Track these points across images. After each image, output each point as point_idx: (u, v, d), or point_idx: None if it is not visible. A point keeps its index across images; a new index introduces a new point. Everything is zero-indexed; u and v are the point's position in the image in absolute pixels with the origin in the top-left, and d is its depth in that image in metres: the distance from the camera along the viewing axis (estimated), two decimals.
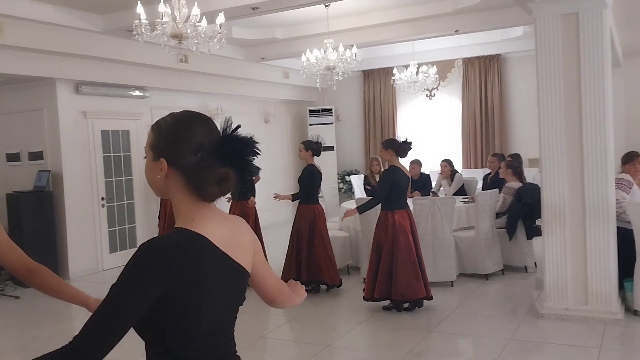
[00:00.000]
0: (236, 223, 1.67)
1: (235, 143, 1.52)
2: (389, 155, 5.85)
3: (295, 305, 2.00)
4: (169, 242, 1.47)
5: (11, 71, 7.36)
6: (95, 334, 1.36)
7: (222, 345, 1.62)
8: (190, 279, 1.44)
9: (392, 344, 5.18)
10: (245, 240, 1.66)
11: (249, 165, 1.54)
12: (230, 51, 9.67)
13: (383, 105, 12.84)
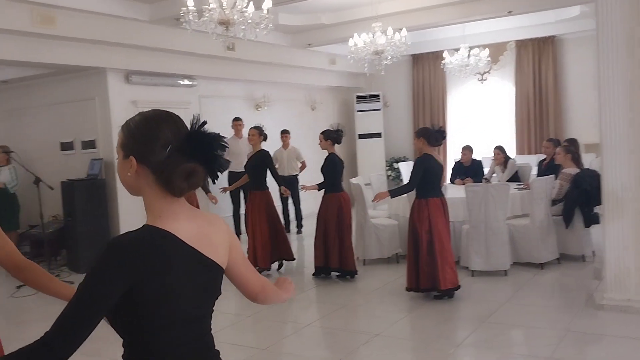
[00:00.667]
0: (207, 219, 1.70)
1: (200, 138, 1.56)
2: (421, 143, 5.82)
3: (282, 301, 2.03)
4: (133, 239, 1.52)
5: (63, 61, 7.50)
6: (67, 329, 1.43)
7: (195, 338, 1.65)
8: (155, 274, 1.50)
9: (443, 334, 5.06)
10: (218, 236, 1.69)
11: (216, 159, 1.58)
12: (277, 38, 9.61)
13: (433, 90, 12.57)
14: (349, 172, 12.62)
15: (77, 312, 1.45)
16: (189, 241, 1.59)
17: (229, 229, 1.77)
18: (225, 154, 2.16)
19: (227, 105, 10.17)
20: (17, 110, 9.40)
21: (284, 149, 9.96)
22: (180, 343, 1.60)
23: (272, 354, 4.79)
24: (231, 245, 1.75)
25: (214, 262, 1.65)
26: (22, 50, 6.97)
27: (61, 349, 1.41)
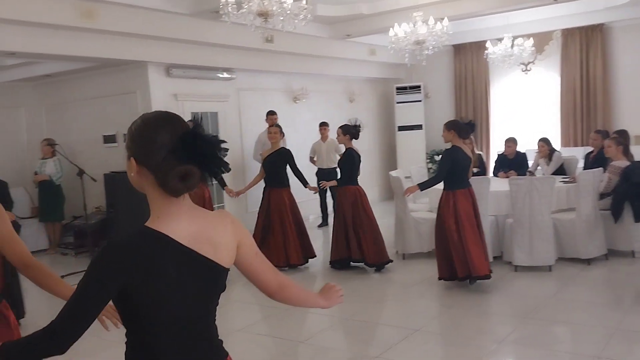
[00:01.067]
0: (209, 219, 1.72)
1: (195, 141, 1.59)
2: (451, 135, 5.87)
3: (318, 307, 2.06)
4: (128, 240, 1.60)
5: (106, 55, 7.61)
6: (67, 321, 1.55)
7: (196, 337, 1.69)
8: (148, 276, 1.56)
9: (484, 330, 4.93)
10: (220, 235, 1.71)
11: (212, 162, 1.61)
12: (315, 29, 9.53)
13: (475, 81, 12.30)
14: (388, 165, 12.53)
15: (75, 306, 1.56)
16: (187, 242, 1.63)
17: (237, 227, 1.78)
18: (256, 147, 2.12)
19: (265, 98, 10.16)
20: (61, 103, 9.60)
21: (323, 141, 9.90)
22: (181, 343, 1.65)
23: (309, 346, 4.75)
24: (240, 242, 1.77)
25: (214, 262, 1.67)
26: (65, 45, 7.09)
27: (62, 338, 1.55)
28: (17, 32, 6.61)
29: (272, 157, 7.18)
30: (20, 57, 7.69)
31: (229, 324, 5.50)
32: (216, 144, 1.62)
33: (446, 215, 5.80)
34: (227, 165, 1.67)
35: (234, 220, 1.80)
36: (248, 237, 1.82)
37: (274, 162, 7.16)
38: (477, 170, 8.22)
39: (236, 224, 1.79)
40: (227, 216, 1.80)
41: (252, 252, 1.82)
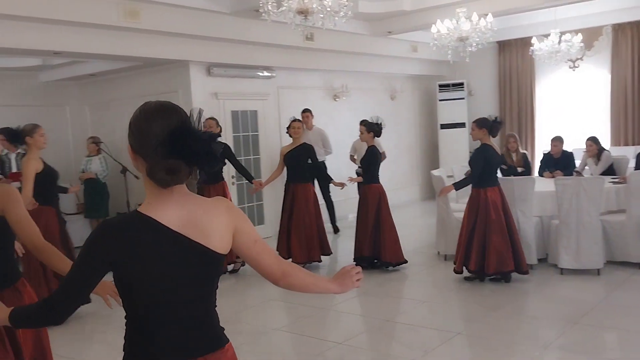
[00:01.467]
0: (202, 205, 1.77)
1: (183, 137, 1.62)
2: (482, 133, 5.97)
3: (328, 292, 2.03)
4: (117, 221, 1.73)
5: (148, 54, 7.69)
6: (62, 295, 1.72)
7: (185, 320, 1.74)
8: (134, 255, 1.66)
9: (528, 334, 4.77)
10: (211, 220, 1.74)
11: (198, 158, 1.63)
12: (356, 26, 9.44)
13: (520, 78, 11.98)
14: (430, 163, 12.35)
15: (69, 281, 1.72)
16: (176, 227, 1.69)
17: (233, 213, 1.81)
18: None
19: (305, 96, 10.13)
20: (104, 102, 9.77)
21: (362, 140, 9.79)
22: (170, 325, 1.72)
23: (347, 348, 4.69)
24: (237, 228, 1.80)
25: (204, 247, 1.72)
26: (109, 44, 7.20)
27: (58, 310, 1.73)
28: (62, 32, 6.73)
29: (294, 152, 7.11)
30: (66, 56, 7.84)
31: (266, 322, 5.49)
32: (205, 141, 1.64)
33: (475, 213, 5.95)
34: (215, 161, 1.67)
35: (230, 206, 1.83)
36: (246, 223, 1.85)
37: (296, 157, 7.10)
38: (522, 169, 8.01)
39: (232, 210, 1.82)
40: (222, 202, 1.83)
41: (250, 239, 1.84)
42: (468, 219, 6.06)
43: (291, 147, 7.15)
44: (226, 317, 5.69)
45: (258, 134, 9.34)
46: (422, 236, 8.81)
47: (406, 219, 10.60)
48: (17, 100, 9.36)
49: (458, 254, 6.19)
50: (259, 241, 1.88)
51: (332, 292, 2.01)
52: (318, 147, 9.29)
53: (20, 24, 6.33)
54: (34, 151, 5.38)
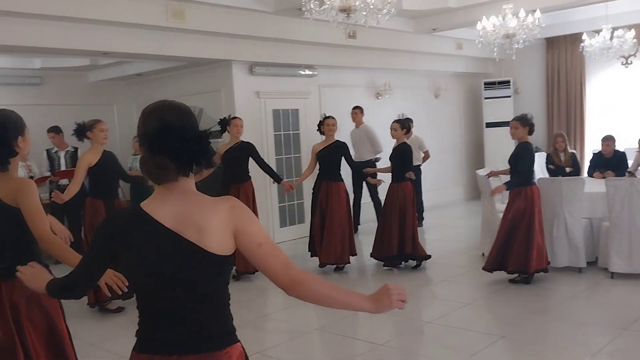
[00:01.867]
0: (197, 204, 1.77)
1: (167, 136, 1.68)
2: (525, 131, 5.96)
3: (360, 310, 1.89)
4: (118, 214, 1.96)
5: (193, 54, 7.78)
6: (76, 276, 1.94)
7: (179, 318, 1.75)
8: (127, 247, 1.76)
9: (577, 340, 4.62)
10: (207, 220, 1.73)
11: (181, 155, 1.68)
12: (400, 24, 9.33)
13: (569, 76, 11.63)
14: (475, 163, 12.13)
15: (82, 263, 1.94)
16: (170, 224, 1.73)
17: (236, 214, 1.77)
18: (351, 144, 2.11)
19: (347, 94, 10.08)
20: (151, 101, 9.70)
21: (406, 138, 9.69)
22: (160, 316, 1.77)
23: (390, 350, 4.63)
24: (238, 230, 1.76)
25: (197, 247, 1.71)
26: (155, 45, 7.31)
27: (75, 288, 1.98)
28: (110, 33, 6.87)
29: (327, 150, 7.02)
30: (113, 56, 8.01)
31: (307, 322, 5.47)
32: (189, 139, 1.69)
33: (516, 211, 5.91)
34: (200, 159, 1.72)
35: (235, 207, 1.79)
36: (250, 226, 1.78)
37: (330, 155, 7.01)
38: (570, 170, 7.77)
39: (236, 211, 1.78)
40: (226, 202, 1.80)
41: (253, 243, 1.78)
42: (512, 219, 5.96)
43: (324, 144, 7.06)
44: (265, 315, 5.72)
45: (299, 133, 9.35)
46: (466, 237, 8.66)
47: (450, 220, 10.45)
48: (66, 100, 9.62)
49: (493, 253, 6.14)
50: (264, 245, 1.79)
51: (364, 311, 1.86)
52: (364, 145, 9.26)
53: (69, 25, 6.49)
54: (94, 146, 5.67)
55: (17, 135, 2.82)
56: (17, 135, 2.82)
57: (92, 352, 4.81)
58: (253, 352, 4.62)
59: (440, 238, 8.86)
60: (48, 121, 8.57)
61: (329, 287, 1.83)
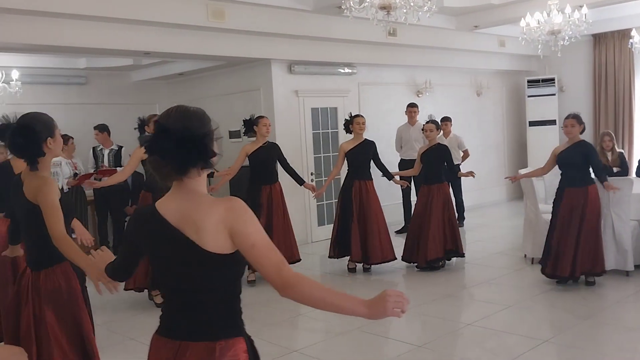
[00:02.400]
0: (197, 203, 1.86)
1: (160, 137, 1.78)
2: (580, 129, 5.88)
3: (354, 315, 1.90)
4: (141, 210, 2.18)
5: (232, 54, 7.83)
6: (117, 262, 2.25)
7: (180, 307, 1.90)
8: (142, 240, 1.99)
9: (625, 346, 4.46)
10: (204, 219, 1.81)
11: (170, 155, 1.77)
12: (441, 21, 9.20)
13: (617, 73, 11.26)
14: (517, 162, 11.88)
15: (119, 254, 2.22)
16: (174, 221, 1.86)
17: (232, 214, 1.82)
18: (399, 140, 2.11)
19: (386, 92, 10.00)
20: (191, 100, 10.05)
21: (445, 137, 9.59)
22: (169, 306, 1.98)
23: (428, 352, 4.55)
24: (233, 231, 1.81)
25: (194, 244, 1.80)
26: (196, 44, 7.38)
27: (117, 274, 2.28)
28: (152, 33, 6.97)
29: (358, 149, 6.93)
30: (155, 56, 8.13)
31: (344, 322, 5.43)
32: (181, 141, 1.76)
33: (579, 210, 5.74)
34: (186, 160, 1.78)
35: (232, 208, 1.83)
36: (245, 227, 1.82)
37: (361, 154, 6.92)
38: (618, 170, 7.52)
39: (233, 212, 1.82)
40: (225, 202, 1.86)
41: (247, 243, 1.82)
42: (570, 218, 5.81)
43: (354, 143, 6.97)
44: (302, 314, 5.69)
45: (338, 131, 9.31)
46: (508, 238, 8.48)
47: (492, 220, 10.26)
48: (110, 99, 9.83)
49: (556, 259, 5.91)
50: (257, 246, 1.82)
51: (359, 316, 1.86)
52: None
53: (112, 25, 6.61)
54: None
55: (47, 136, 2.99)
56: (47, 137, 2.99)
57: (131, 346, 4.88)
58: (290, 350, 4.62)
59: (481, 239, 8.70)
60: (92, 120, 8.78)
61: (322, 290, 1.85)
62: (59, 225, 2.88)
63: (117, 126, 8.89)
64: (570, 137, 5.88)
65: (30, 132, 2.91)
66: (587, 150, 5.81)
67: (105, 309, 5.80)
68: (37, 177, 2.98)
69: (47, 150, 3.00)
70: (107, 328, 5.34)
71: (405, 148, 9.20)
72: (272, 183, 6.75)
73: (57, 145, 3.05)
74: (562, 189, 5.89)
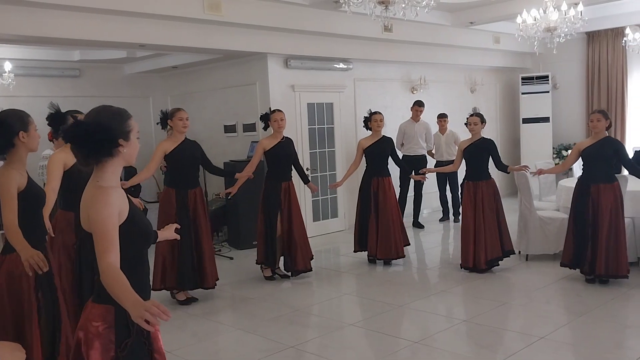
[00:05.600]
0: (88, 189, 2.21)
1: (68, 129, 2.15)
2: (607, 125, 5.81)
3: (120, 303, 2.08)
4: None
5: (228, 47, 7.78)
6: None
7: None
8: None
9: (620, 343, 4.50)
10: (82, 204, 2.20)
11: (74, 146, 2.13)
12: (437, 17, 9.19)
13: (610, 71, 11.31)
14: (511, 159, 11.91)
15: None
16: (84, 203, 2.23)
17: (88, 201, 2.15)
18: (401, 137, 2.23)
19: (382, 88, 9.99)
20: (185, 94, 10.00)
21: (441, 133, 9.62)
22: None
23: (424, 348, 4.55)
24: (86, 214, 2.17)
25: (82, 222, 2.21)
26: (191, 37, 7.32)
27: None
28: (146, 25, 6.91)
29: (377, 146, 6.96)
30: (149, 49, 8.05)
31: (341, 317, 5.43)
32: (79, 133, 2.09)
33: (608, 208, 5.70)
34: (81, 147, 2.11)
35: (92, 195, 2.15)
36: (90, 211, 2.12)
37: (379, 151, 6.94)
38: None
39: (91, 199, 2.14)
40: (91, 191, 2.18)
41: (89, 226, 2.15)
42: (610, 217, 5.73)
43: (372, 140, 7.02)
44: (300, 310, 5.67)
45: (333, 127, 9.29)
46: None
47: None
48: (103, 92, 9.74)
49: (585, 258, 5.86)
50: (93, 229, 2.11)
51: (126, 308, 1.99)
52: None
53: (107, 17, 6.54)
54: (174, 134, 5.68)
55: (20, 130, 3.19)
56: (20, 130, 3.19)
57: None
58: (286, 346, 4.60)
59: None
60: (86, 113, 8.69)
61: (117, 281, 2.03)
62: (11, 215, 3.09)
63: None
64: (595, 131, 5.82)
65: (1, 124, 3.13)
66: (617, 146, 5.77)
67: None
68: (3, 167, 3.19)
69: (19, 143, 3.20)
70: None
71: (410, 145, 9.25)
72: (290, 179, 6.59)
73: (31, 140, 3.24)
74: (586, 185, 5.80)
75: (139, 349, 2.21)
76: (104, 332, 2.14)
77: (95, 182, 2.17)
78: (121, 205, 2.17)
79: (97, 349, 2.12)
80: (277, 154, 6.46)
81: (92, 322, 2.14)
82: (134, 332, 2.17)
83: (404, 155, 9.14)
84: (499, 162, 6.56)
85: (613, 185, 5.72)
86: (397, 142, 9.34)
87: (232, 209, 8.37)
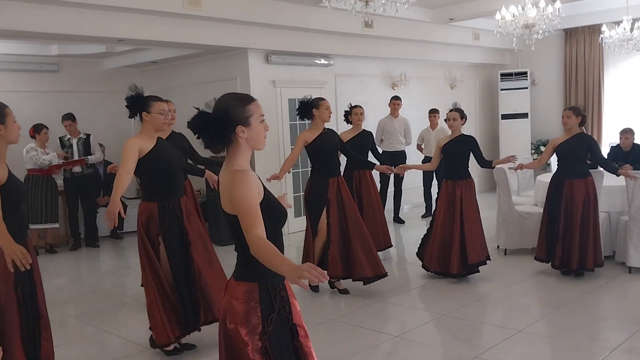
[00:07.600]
0: (225, 173, 2.32)
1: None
2: (577, 121, 5.86)
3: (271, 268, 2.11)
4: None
5: (208, 42, 7.74)
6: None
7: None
8: None
9: (595, 335, 4.58)
10: None
11: (199, 136, 2.28)
12: (417, 13, 9.24)
13: (587, 67, 11.46)
14: (490, 155, 12.00)
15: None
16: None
17: (229, 186, 2.23)
18: (380, 133, 4.25)
19: (362, 84, 10.02)
20: (165, 89, 9.88)
21: (432, 129, 9.65)
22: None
23: (405, 341, 4.60)
24: None
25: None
26: (171, 32, 7.28)
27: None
28: (126, 20, 6.85)
29: (357, 139, 6.95)
30: (129, 44, 7.98)
31: (323, 312, 5.45)
32: (196, 124, 2.29)
33: (585, 203, 5.80)
34: (207, 141, 2.26)
35: (232, 179, 2.23)
36: (232, 193, 2.22)
37: (359, 144, 6.93)
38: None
39: (232, 182, 2.23)
40: (228, 175, 2.28)
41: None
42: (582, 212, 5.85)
43: (352, 133, 7.00)
44: None
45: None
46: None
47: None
48: (81, 87, 9.65)
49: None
50: (238, 209, 2.20)
51: (280, 273, 2.02)
52: (398, 135, 9.36)
53: (86, 12, 6.49)
54: (147, 128, 4.65)
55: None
56: None
57: (106, 338, 4.83)
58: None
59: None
60: (64, 108, 8.59)
61: (268, 250, 2.09)
62: None
63: (89, 115, 8.73)
64: (567, 128, 5.92)
65: None
66: (589, 142, 5.89)
67: (78, 301, 5.72)
68: None
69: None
70: (80, 320, 5.29)
71: (389, 140, 9.22)
72: (339, 175, 5.90)
73: (9, 132, 3.16)
74: (560, 181, 5.92)
75: (283, 324, 2.32)
76: (250, 309, 2.23)
77: (230, 166, 2.26)
78: (258, 185, 2.27)
79: (246, 324, 2.21)
80: (322, 146, 5.77)
81: (237, 299, 2.23)
82: (277, 307, 2.26)
83: (384, 151, 9.18)
84: (481, 158, 6.11)
85: (587, 180, 5.83)
86: (376, 138, 9.37)
87: (212, 205, 8.35)
